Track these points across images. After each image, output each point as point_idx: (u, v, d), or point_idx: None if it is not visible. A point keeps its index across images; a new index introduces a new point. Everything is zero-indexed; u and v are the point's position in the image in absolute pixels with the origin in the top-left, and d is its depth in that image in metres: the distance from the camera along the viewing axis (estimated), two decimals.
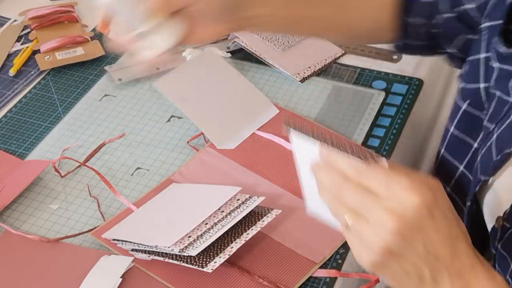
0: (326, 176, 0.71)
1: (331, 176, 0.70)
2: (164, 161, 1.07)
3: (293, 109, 1.14)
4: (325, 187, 0.71)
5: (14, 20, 1.35)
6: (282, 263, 0.92)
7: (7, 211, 1.01)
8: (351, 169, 0.70)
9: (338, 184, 0.70)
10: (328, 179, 0.71)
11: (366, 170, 0.69)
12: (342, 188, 0.69)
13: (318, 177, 0.72)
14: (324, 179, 0.71)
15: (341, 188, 0.70)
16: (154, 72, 1.22)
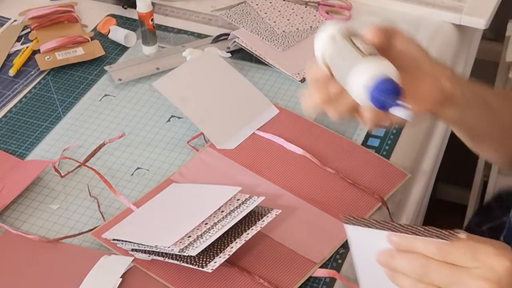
0: (405, 261, 0.73)
1: (411, 260, 0.72)
2: (164, 161, 1.07)
3: (293, 109, 1.14)
4: (406, 273, 0.73)
5: (14, 20, 1.35)
6: (282, 263, 0.92)
7: (7, 211, 1.01)
8: (432, 248, 0.72)
9: (421, 266, 0.72)
10: (409, 264, 0.72)
11: (448, 246, 0.71)
12: (428, 269, 0.72)
13: (396, 265, 0.74)
14: (403, 264, 0.73)
15: (427, 269, 0.72)
16: (154, 72, 1.22)
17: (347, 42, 0.79)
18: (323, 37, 0.82)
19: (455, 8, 1.32)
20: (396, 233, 0.74)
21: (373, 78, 0.75)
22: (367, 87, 0.75)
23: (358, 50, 0.78)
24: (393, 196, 1.01)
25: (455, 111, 0.88)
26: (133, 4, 1.26)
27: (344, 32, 0.81)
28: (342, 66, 0.79)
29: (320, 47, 0.83)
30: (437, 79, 0.85)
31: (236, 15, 1.31)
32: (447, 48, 1.30)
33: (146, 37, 1.24)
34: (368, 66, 0.76)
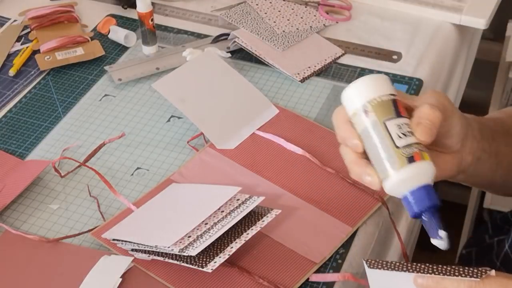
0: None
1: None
2: (164, 161, 1.07)
3: (293, 109, 1.15)
4: None
5: (14, 20, 1.35)
6: (282, 263, 0.92)
7: (7, 211, 1.01)
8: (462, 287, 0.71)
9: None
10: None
11: (479, 284, 0.71)
12: None
13: None
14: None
15: None
16: (154, 72, 1.22)
17: (379, 125, 0.75)
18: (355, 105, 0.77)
19: (455, 8, 1.32)
20: (421, 275, 0.73)
21: (406, 192, 0.74)
22: (401, 197, 0.75)
23: (391, 140, 0.74)
24: (393, 196, 1.01)
25: (465, 178, 0.88)
26: (133, 4, 1.26)
27: (376, 106, 0.75)
28: (374, 152, 0.75)
29: (350, 109, 0.77)
30: (459, 157, 0.83)
31: (236, 15, 1.31)
32: (447, 48, 1.30)
33: (146, 37, 1.24)
34: (400, 179, 0.74)
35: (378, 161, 0.75)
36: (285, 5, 1.34)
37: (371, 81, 0.77)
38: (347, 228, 0.96)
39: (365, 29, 1.31)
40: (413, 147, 0.74)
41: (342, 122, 0.78)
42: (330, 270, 0.92)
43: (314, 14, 1.33)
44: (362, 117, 0.76)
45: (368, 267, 0.75)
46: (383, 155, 0.74)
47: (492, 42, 1.93)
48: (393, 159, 0.74)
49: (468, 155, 0.85)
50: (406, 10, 1.34)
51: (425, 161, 0.74)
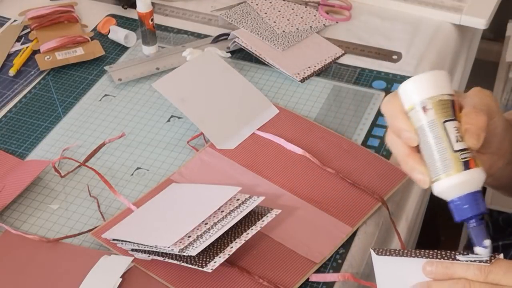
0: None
1: (453, 286, 0.72)
2: (164, 161, 1.07)
3: (293, 109, 1.15)
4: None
5: (14, 20, 1.35)
6: (282, 263, 0.92)
7: (7, 211, 1.01)
8: (472, 270, 0.71)
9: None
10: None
11: (489, 267, 0.71)
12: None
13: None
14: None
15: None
16: (154, 72, 1.22)
17: (438, 125, 0.73)
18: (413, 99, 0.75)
19: (455, 8, 1.32)
20: (430, 262, 0.73)
21: (455, 196, 0.73)
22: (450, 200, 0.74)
23: (449, 142, 0.73)
24: (393, 196, 1.01)
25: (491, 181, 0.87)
26: (133, 4, 1.26)
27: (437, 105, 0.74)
28: (427, 151, 0.74)
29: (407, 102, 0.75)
30: (493, 159, 0.82)
31: (236, 15, 1.31)
32: (447, 48, 1.30)
33: (146, 37, 1.24)
34: (453, 183, 0.73)
35: (431, 161, 0.74)
36: (285, 5, 1.34)
37: (433, 77, 0.75)
38: (347, 228, 0.96)
39: (365, 29, 1.31)
40: (468, 153, 0.73)
41: (398, 112, 0.76)
42: (330, 270, 0.92)
43: (314, 14, 1.33)
44: (419, 113, 0.74)
45: (376, 254, 0.75)
46: (437, 156, 0.73)
47: (492, 42, 1.93)
48: (448, 163, 0.73)
49: (500, 158, 0.83)
50: (406, 10, 1.34)
51: (478, 168, 0.73)
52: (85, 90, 1.20)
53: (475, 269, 0.71)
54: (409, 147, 0.75)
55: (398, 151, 0.77)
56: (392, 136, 0.77)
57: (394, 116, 0.76)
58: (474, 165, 0.73)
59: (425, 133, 0.74)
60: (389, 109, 0.77)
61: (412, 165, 0.75)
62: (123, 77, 1.21)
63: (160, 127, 1.13)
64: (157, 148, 1.10)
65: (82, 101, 1.18)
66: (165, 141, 1.11)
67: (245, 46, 1.24)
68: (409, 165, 0.76)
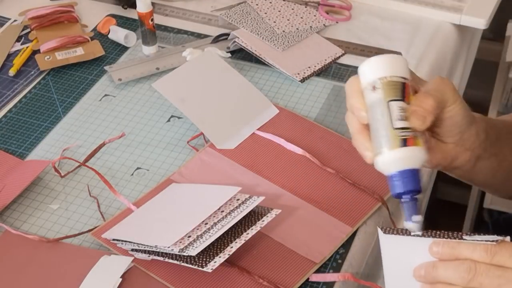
0: (450, 269, 0.73)
1: (457, 266, 0.72)
2: (164, 161, 1.07)
3: (293, 109, 1.15)
4: (450, 281, 0.73)
5: (14, 20, 1.35)
6: (282, 263, 0.92)
7: (7, 211, 1.01)
8: (479, 251, 0.72)
9: (469, 270, 0.72)
10: (454, 271, 0.72)
11: (495, 247, 0.71)
12: (476, 272, 0.71)
13: (439, 275, 0.73)
14: (447, 273, 0.73)
15: (474, 273, 0.71)
16: (154, 72, 1.22)
17: (383, 103, 0.76)
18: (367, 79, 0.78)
19: (455, 8, 1.32)
20: (437, 243, 0.73)
21: (393, 171, 0.75)
22: (388, 175, 0.76)
23: (390, 120, 0.76)
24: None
25: (461, 173, 0.89)
26: (133, 4, 1.26)
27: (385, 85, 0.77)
28: (374, 128, 0.77)
29: (363, 82, 0.79)
30: (457, 150, 0.84)
31: (236, 15, 1.31)
32: (447, 48, 1.30)
33: (146, 37, 1.24)
34: (390, 158, 0.75)
35: (376, 137, 0.77)
36: (285, 5, 1.34)
37: (388, 60, 0.78)
38: (347, 228, 0.96)
39: (365, 29, 1.31)
40: (408, 131, 0.76)
41: (354, 91, 0.79)
42: (330, 270, 0.92)
43: (314, 14, 1.33)
44: (370, 91, 0.78)
45: (384, 233, 0.76)
46: (381, 132, 0.76)
47: (492, 42, 1.93)
48: (388, 139, 0.76)
49: (466, 150, 0.85)
50: (406, 10, 1.34)
51: (417, 147, 0.76)
52: (85, 90, 1.20)
53: (481, 250, 0.72)
54: (361, 124, 0.79)
55: (351, 127, 0.80)
56: (348, 113, 0.80)
57: (350, 94, 0.79)
58: (412, 143, 0.75)
59: (372, 111, 0.77)
60: (348, 88, 0.80)
61: (359, 141, 0.78)
62: (123, 77, 1.21)
63: (160, 127, 1.13)
64: (157, 148, 1.10)
65: (82, 101, 1.19)
66: (165, 141, 1.11)
67: (245, 46, 1.24)
68: (357, 141, 0.79)
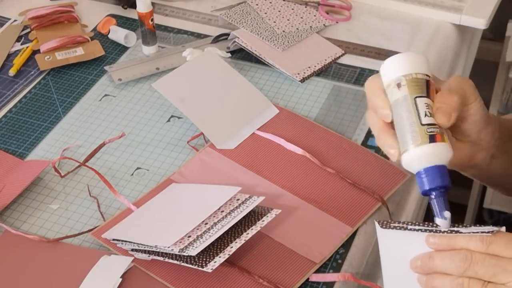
0: (446, 259, 0.73)
1: (452, 256, 0.73)
2: (164, 161, 1.07)
3: (293, 109, 1.15)
4: (446, 271, 0.73)
5: (14, 20, 1.35)
6: (282, 263, 0.92)
7: (7, 211, 1.01)
8: (474, 241, 0.72)
9: (465, 259, 0.72)
10: (450, 261, 0.73)
11: (490, 237, 0.72)
12: (471, 261, 0.72)
13: (435, 265, 0.74)
14: (443, 263, 0.73)
15: (470, 262, 0.72)
16: (154, 72, 1.22)
17: (409, 100, 0.77)
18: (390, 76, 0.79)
19: (455, 8, 1.32)
20: (433, 234, 0.74)
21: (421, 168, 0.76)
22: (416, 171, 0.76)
23: (418, 116, 0.76)
24: (393, 196, 1.01)
25: (476, 173, 0.90)
26: (133, 4, 1.26)
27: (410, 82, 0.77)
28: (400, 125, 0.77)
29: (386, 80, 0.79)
30: (474, 149, 0.85)
31: (236, 15, 1.31)
32: (447, 48, 1.30)
33: (146, 37, 1.24)
34: (418, 154, 0.75)
35: (402, 134, 0.77)
36: (285, 5, 1.34)
37: (411, 58, 0.79)
38: (347, 228, 0.96)
39: (365, 29, 1.31)
40: (436, 128, 0.76)
41: (377, 90, 0.79)
42: (330, 270, 0.92)
43: (314, 14, 1.33)
44: (395, 89, 0.78)
45: (381, 227, 0.76)
46: (407, 129, 0.76)
47: (492, 42, 1.93)
48: (416, 134, 0.76)
49: (483, 150, 0.85)
50: (406, 10, 1.34)
51: (444, 143, 0.76)
52: (85, 90, 1.20)
53: (477, 240, 0.72)
54: (385, 123, 0.79)
55: (374, 127, 0.80)
56: (370, 112, 0.80)
57: (372, 93, 0.80)
58: (440, 140, 0.76)
59: (397, 108, 0.77)
60: (369, 87, 0.80)
61: (384, 139, 0.78)
62: (123, 77, 1.21)
63: (160, 127, 1.13)
64: (157, 148, 1.10)
65: (82, 101, 1.18)
66: (165, 141, 1.11)
67: (245, 46, 1.24)
68: (381, 139, 0.79)
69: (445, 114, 0.77)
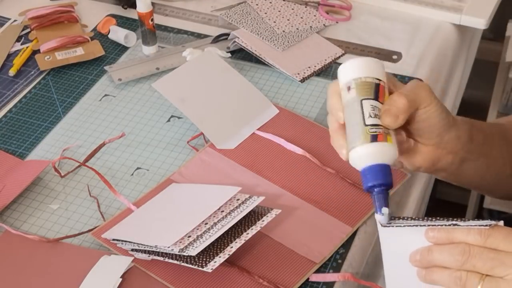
0: (445, 252, 0.74)
1: (451, 249, 0.73)
2: (164, 161, 1.07)
3: (293, 109, 1.15)
4: (445, 264, 0.74)
5: (14, 20, 1.35)
6: (282, 263, 0.92)
7: (7, 211, 1.01)
8: (473, 234, 0.73)
9: (463, 252, 0.73)
10: (448, 254, 0.74)
11: (489, 230, 0.73)
12: (470, 254, 0.73)
13: (434, 258, 0.74)
14: (442, 256, 0.74)
15: (468, 255, 0.73)
16: (154, 72, 1.22)
17: (356, 101, 0.79)
18: (343, 80, 0.82)
19: (455, 8, 1.32)
20: (432, 228, 0.75)
21: (364, 165, 0.78)
22: (360, 169, 0.78)
23: (362, 117, 0.78)
24: (393, 196, 1.01)
25: (447, 176, 0.90)
26: (133, 4, 1.26)
27: (359, 85, 0.80)
28: (348, 126, 0.80)
29: (340, 83, 0.83)
30: (438, 153, 0.85)
31: (236, 15, 1.31)
32: (447, 48, 1.30)
33: (146, 37, 1.24)
34: (361, 153, 0.78)
35: (349, 134, 0.80)
36: (285, 5, 1.34)
37: (363, 62, 0.82)
38: (347, 228, 0.96)
39: (365, 29, 1.31)
40: (379, 128, 0.78)
41: (333, 92, 0.83)
42: (330, 270, 0.92)
43: (314, 14, 1.33)
44: (345, 92, 0.81)
45: (382, 225, 0.77)
46: (353, 129, 0.79)
47: (492, 42, 1.93)
48: (359, 134, 0.78)
49: (448, 153, 0.86)
50: (406, 10, 1.34)
51: (386, 143, 0.78)
52: (85, 90, 1.20)
53: (475, 233, 0.73)
54: (339, 124, 0.82)
55: (330, 127, 0.83)
56: (329, 114, 0.84)
57: (329, 96, 0.83)
58: (383, 139, 0.78)
59: (347, 110, 0.80)
60: (328, 91, 0.84)
61: (336, 139, 0.81)
62: (123, 77, 1.21)
63: (160, 127, 1.13)
64: (157, 148, 1.10)
65: (82, 101, 1.19)
66: (165, 141, 1.11)
67: (245, 46, 1.24)
68: (334, 139, 0.82)
69: (391, 116, 0.79)
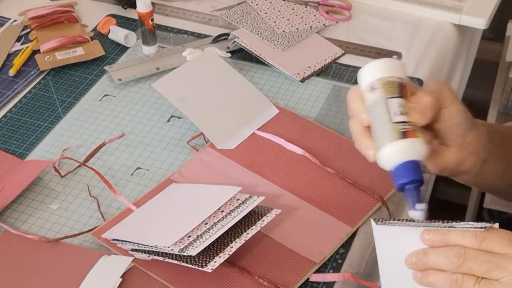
0: (440, 255, 0.74)
1: (446, 252, 0.73)
2: (164, 161, 1.07)
3: (293, 109, 1.15)
4: (440, 267, 0.74)
5: (14, 20, 1.35)
6: (282, 263, 0.92)
7: (7, 211, 1.01)
8: (468, 237, 0.73)
9: (458, 255, 0.73)
10: (444, 256, 0.74)
11: (484, 233, 0.72)
12: (465, 257, 0.73)
13: (429, 261, 0.74)
14: (438, 259, 0.74)
15: (464, 258, 0.73)
16: (154, 72, 1.22)
17: (382, 101, 0.79)
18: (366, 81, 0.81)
19: (455, 8, 1.32)
20: (428, 230, 0.75)
21: (395, 163, 0.77)
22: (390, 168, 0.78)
23: (389, 115, 0.78)
24: (393, 196, 1.01)
25: (469, 178, 0.90)
26: (133, 4, 1.26)
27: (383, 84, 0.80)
28: (374, 126, 0.80)
29: (362, 85, 0.82)
30: (462, 154, 0.85)
31: (236, 15, 1.31)
32: (447, 48, 1.30)
33: (146, 37, 1.24)
34: (391, 151, 0.77)
35: (376, 134, 0.79)
36: (285, 5, 1.34)
37: (385, 63, 0.82)
38: (347, 228, 0.96)
39: (365, 29, 1.31)
40: (408, 125, 0.78)
41: (354, 96, 0.82)
42: (330, 270, 0.92)
43: (314, 14, 1.33)
44: (369, 93, 0.80)
45: (376, 223, 0.77)
46: (381, 128, 0.79)
47: (492, 42, 1.93)
48: (388, 133, 0.78)
49: (471, 154, 0.86)
50: (406, 10, 1.34)
51: (416, 139, 0.78)
52: (85, 90, 1.20)
53: (471, 236, 0.73)
54: (363, 127, 0.81)
55: (353, 131, 0.83)
56: (351, 119, 0.83)
57: (351, 100, 0.83)
58: (412, 136, 0.78)
59: (372, 110, 0.80)
60: (349, 95, 0.83)
61: (361, 141, 0.81)
62: (123, 77, 1.21)
63: (160, 127, 1.13)
64: (157, 148, 1.10)
65: (82, 101, 1.19)
66: (165, 141, 1.11)
67: (245, 46, 1.24)
68: (359, 142, 0.82)
69: (419, 112, 0.79)
